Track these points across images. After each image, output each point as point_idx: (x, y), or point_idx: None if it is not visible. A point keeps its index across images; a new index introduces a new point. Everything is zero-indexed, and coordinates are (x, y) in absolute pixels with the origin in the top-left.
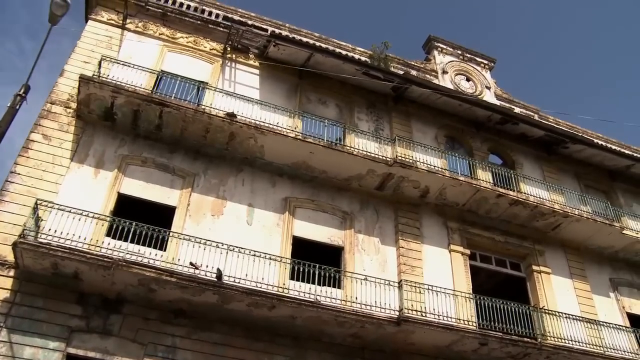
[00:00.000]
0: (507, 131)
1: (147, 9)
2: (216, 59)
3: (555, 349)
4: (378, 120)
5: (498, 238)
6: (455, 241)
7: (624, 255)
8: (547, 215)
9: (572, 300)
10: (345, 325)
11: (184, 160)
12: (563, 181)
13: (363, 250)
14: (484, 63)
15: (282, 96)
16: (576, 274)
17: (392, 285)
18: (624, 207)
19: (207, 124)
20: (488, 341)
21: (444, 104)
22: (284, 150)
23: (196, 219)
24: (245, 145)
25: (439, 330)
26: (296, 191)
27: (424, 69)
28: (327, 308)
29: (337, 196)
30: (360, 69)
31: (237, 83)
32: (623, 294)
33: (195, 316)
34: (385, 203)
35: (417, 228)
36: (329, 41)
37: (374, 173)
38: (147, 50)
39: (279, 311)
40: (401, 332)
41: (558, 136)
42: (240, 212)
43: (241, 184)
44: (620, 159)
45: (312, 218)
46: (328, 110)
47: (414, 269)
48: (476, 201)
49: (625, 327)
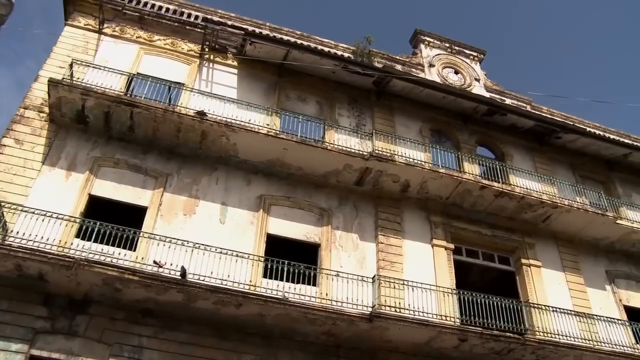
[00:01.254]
0: (496, 123)
1: (124, 13)
2: (193, 60)
3: (540, 344)
4: (360, 116)
5: (485, 231)
6: (439, 235)
7: (620, 246)
8: (535, 207)
9: (564, 294)
10: (316, 323)
11: (157, 160)
12: (556, 172)
13: (340, 247)
14: (473, 55)
15: (260, 94)
16: (569, 267)
17: (365, 281)
18: (622, 197)
19: (177, 123)
20: (467, 337)
21: (428, 97)
22: (257, 148)
23: (168, 218)
24: (218, 144)
25: (414, 326)
26: (272, 189)
27: (410, 62)
28: (296, 305)
29: (314, 193)
30: (338, 64)
31: (214, 83)
32: (620, 286)
33: (163, 316)
34: (365, 199)
35: (398, 223)
36: (311, 38)
37: (351, 168)
38: (123, 53)
39: (246, 309)
40: (375, 328)
41: (549, 126)
42: (213, 210)
43: (215, 183)
44: (617, 148)
45: (288, 215)
46: (308, 107)
47: (393, 265)
48: (460, 194)
49: (617, 319)
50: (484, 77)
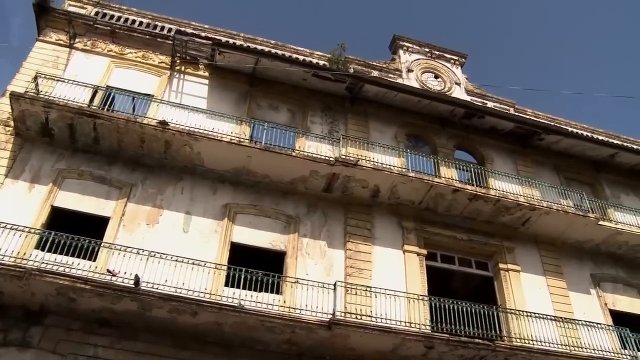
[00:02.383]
0: (475, 126)
1: (95, 28)
2: (164, 72)
3: (511, 350)
4: (333, 123)
5: (461, 236)
6: (410, 241)
7: (606, 248)
8: (512, 209)
9: (544, 299)
10: (275, 331)
11: (122, 171)
12: (540, 174)
13: (307, 254)
14: (454, 59)
15: (230, 104)
16: (551, 271)
17: (326, 288)
18: (610, 199)
19: (140, 133)
20: (434, 344)
21: (403, 102)
22: (222, 156)
23: (130, 228)
24: (183, 153)
25: (375, 333)
26: (238, 197)
27: (387, 68)
28: (252, 313)
29: (282, 200)
30: (308, 71)
31: (184, 94)
32: (606, 290)
33: (120, 325)
34: (334, 205)
35: (368, 229)
36: (286, 47)
37: (318, 174)
38: (93, 67)
39: (203, 317)
40: (336, 336)
41: (530, 127)
42: (176, 220)
43: (180, 192)
44: (603, 148)
45: (254, 223)
46: (279, 115)
47: (361, 272)
48: (433, 198)
49: (597, 323)
50: (465, 80)
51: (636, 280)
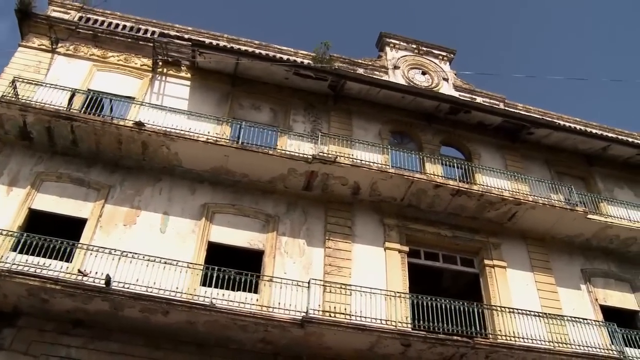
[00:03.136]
0: (462, 122)
1: (78, 32)
2: (146, 74)
3: (492, 347)
4: (316, 121)
5: (445, 233)
6: (392, 238)
7: (597, 243)
8: (497, 204)
9: (532, 295)
10: (248, 330)
11: (101, 173)
12: (530, 169)
13: (286, 253)
14: (442, 55)
15: (212, 104)
16: (539, 267)
17: (300, 286)
18: (604, 193)
19: (117, 135)
20: (410, 342)
21: (387, 98)
22: (199, 156)
23: (107, 229)
24: (161, 154)
25: (349, 331)
26: (217, 197)
27: (373, 66)
28: (223, 311)
29: (261, 199)
30: (289, 70)
31: (166, 95)
32: (597, 285)
33: (94, 326)
34: (315, 204)
35: (348, 227)
36: (270, 47)
37: (296, 172)
38: (75, 71)
39: (175, 317)
40: (310, 334)
41: (518, 121)
42: (154, 220)
43: (158, 193)
44: (595, 141)
45: (232, 223)
46: (261, 115)
47: (340, 270)
48: (414, 195)
49: (584, 319)
50: (453, 76)
51: (628, 274)
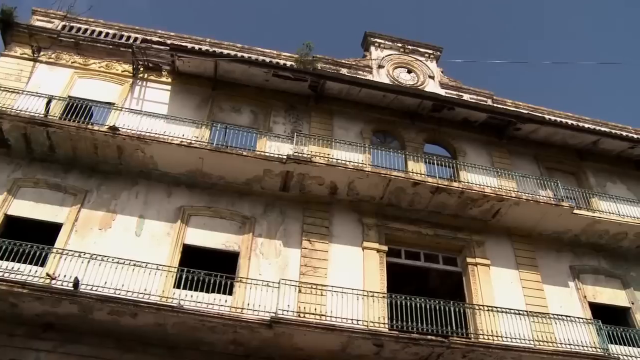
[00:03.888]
0: (447, 119)
1: (60, 41)
2: (126, 80)
3: (468, 347)
4: (297, 122)
5: (426, 231)
6: (371, 238)
7: (587, 239)
8: (479, 201)
9: (516, 293)
10: (218, 331)
11: (78, 178)
12: (518, 165)
13: (261, 254)
14: (428, 53)
15: (192, 108)
16: (524, 264)
17: (271, 287)
18: (595, 188)
19: (92, 140)
20: (383, 342)
21: (368, 98)
22: (174, 159)
23: (82, 233)
24: (136, 158)
25: (318, 331)
26: (193, 199)
27: (357, 65)
28: (190, 312)
29: (238, 201)
30: (268, 71)
31: (146, 100)
32: (586, 282)
33: (65, 329)
34: (292, 204)
35: (325, 227)
36: (253, 50)
37: (272, 173)
38: (56, 78)
39: (143, 319)
40: (279, 335)
41: (503, 117)
42: (129, 224)
43: (135, 197)
44: (585, 135)
45: (208, 225)
46: (242, 117)
47: (316, 270)
48: (393, 193)
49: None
50: (439, 74)
51: (620, 270)
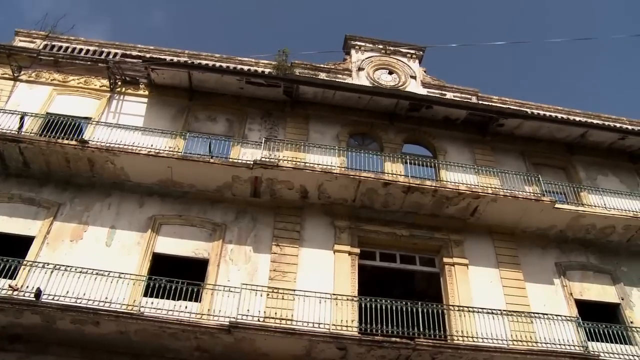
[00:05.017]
0: (428, 118)
1: (40, 59)
2: (104, 95)
3: (436, 348)
4: (272, 128)
5: (401, 232)
6: (342, 241)
7: (573, 234)
8: (455, 199)
9: (495, 293)
10: (180, 338)
11: (53, 192)
12: (503, 162)
13: (231, 261)
14: (410, 53)
15: (168, 119)
16: (505, 262)
17: (232, 292)
18: (585, 181)
19: (63, 154)
20: (345, 345)
21: (344, 100)
22: (144, 169)
23: (53, 246)
24: (108, 170)
25: (277, 335)
26: (165, 208)
27: (336, 69)
28: (149, 319)
29: (209, 209)
30: (241, 79)
31: (123, 114)
32: (573, 278)
33: (31, 340)
34: (264, 210)
35: (296, 232)
36: (231, 59)
37: (240, 179)
38: (35, 96)
39: (106, 327)
40: (240, 341)
41: (482, 113)
42: (100, 234)
43: (107, 208)
44: (571, 128)
45: (178, 233)
46: (217, 126)
47: (285, 275)
48: (365, 194)
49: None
50: (422, 73)
51: (609, 265)
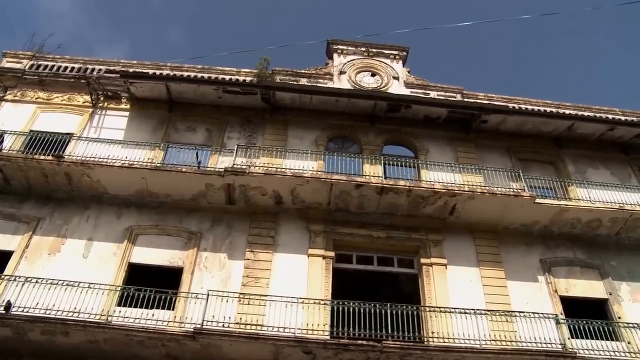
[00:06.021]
0: (409, 118)
1: (25, 79)
2: (87, 110)
3: (403, 350)
4: (251, 135)
5: (377, 234)
6: (317, 245)
7: (559, 229)
8: (430, 199)
9: (475, 292)
10: (147, 345)
11: (33, 207)
12: (487, 159)
13: (205, 268)
14: (393, 54)
15: (148, 132)
16: (486, 261)
17: (199, 299)
18: (574, 175)
19: (40, 169)
20: (310, 349)
21: (322, 104)
22: (120, 181)
23: (32, 259)
24: (85, 183)
25: (241, 341)
26: (142, 219)
27: (317, 74)
28: (115, 328)
29: (185, 218)
30: (217, 88)
31: (104, 128)
32: (559, 275)
33: (5, 352)
34: (240, 217)
35: (270, 237)
36: (212, 69)
37: (214, 187)
38: (20, 115)
39: (75, 337)
40: (207, 347)
41: (463, 110)
42: (77, 247)
43: (85, 221)
44: (557, 121)
45: (154, 243)
46: (197, 136)
47: (258, 281)
48: (339, 197)
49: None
50: (405, 74)
51: (597, 260)
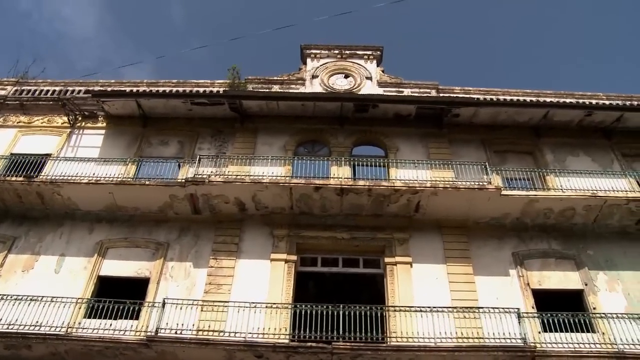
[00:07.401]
0: (378, 117)
1: (7, 104)
2: (65, 131)
3: (354, 351)
4: (222, 145)
5: (341, 236)
6: (280, 249)
7: (532, 221)
8: (392, 197)
9: (440, 289)
10: (107, 355)
11: (10, 227)
12: (461, 153)
13: (171, 277)
14: (367, 55)
15: (122, 148)
16: (454, 257)
17: (155, 307)
18: (553, 164)
19: (13, 190)
20: (261, 353)
21: (290, 110)
22: (89, 197)
23: (6, 277)
24: (57, 201)
25: (192, 347)
26: (113, 233)
27: (289, 80)
28: (73, 339)
29: (154, 229)
30: (185, 101)
31: (81, 147)
32: (532, 267)
33: None
34: (206, 226)
35: (234, 244)
36: (187, 83)
37: (177, 198)
38: (1, 140)
39: (38, 350)
40: (162, 354)
41: (431, 105)
42: (50, 263)
43: (59, 237)
44: (531, 110)
45: (123, 255)
46: (169, 149)
47: (220, 287)
48: (300, 201)
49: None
50: (379, 74)
51: (573, 250)
